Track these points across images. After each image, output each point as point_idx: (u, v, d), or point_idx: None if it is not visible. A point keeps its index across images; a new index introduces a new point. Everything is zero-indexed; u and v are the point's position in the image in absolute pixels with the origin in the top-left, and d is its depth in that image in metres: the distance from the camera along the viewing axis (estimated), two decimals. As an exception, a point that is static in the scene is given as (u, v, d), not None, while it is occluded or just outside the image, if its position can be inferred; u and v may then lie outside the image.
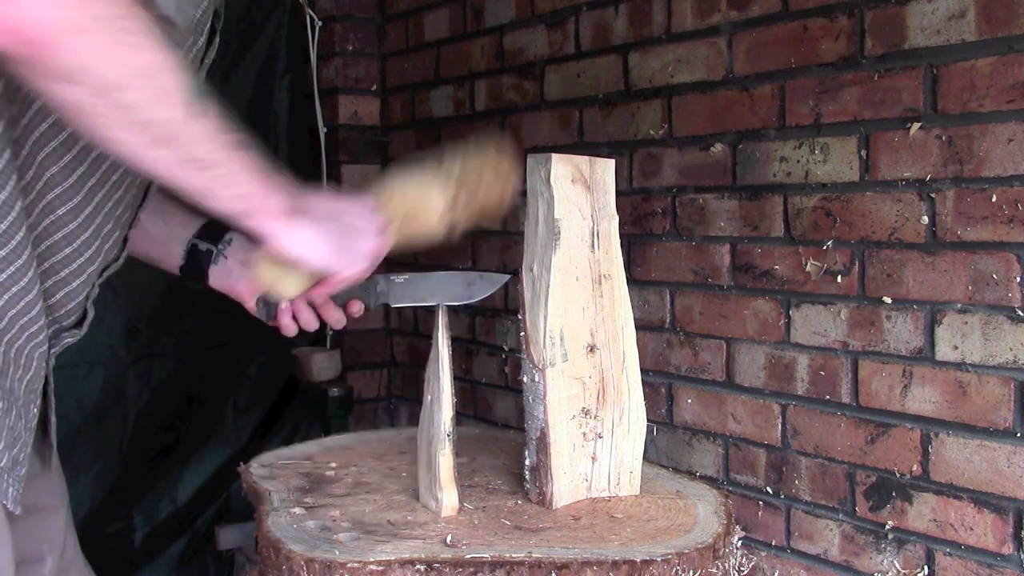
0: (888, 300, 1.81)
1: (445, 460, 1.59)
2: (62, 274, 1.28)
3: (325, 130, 3.14)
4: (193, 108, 1.06)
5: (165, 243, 1.57)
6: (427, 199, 1.45)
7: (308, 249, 1.27)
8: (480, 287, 1.62)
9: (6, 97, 1.12)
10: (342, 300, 1.54)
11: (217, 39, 1.37)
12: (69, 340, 1.36)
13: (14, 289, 1.17)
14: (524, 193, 1.62)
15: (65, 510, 1.47)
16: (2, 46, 0.94)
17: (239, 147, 1.14)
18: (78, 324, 1.37)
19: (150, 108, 1.03)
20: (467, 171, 1.49)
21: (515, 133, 2.62)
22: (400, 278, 1.60)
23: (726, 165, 2.08)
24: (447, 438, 1.59)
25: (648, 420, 1.78)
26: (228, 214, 1.20)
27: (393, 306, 1.65)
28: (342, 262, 1.32)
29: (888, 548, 1.84)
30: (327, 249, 1.29)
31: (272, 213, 1.22)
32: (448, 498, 1.60)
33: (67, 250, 1.26)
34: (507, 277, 1.65)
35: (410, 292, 1.62)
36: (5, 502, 1.19)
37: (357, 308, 1.56)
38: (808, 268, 1.94)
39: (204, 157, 1.11)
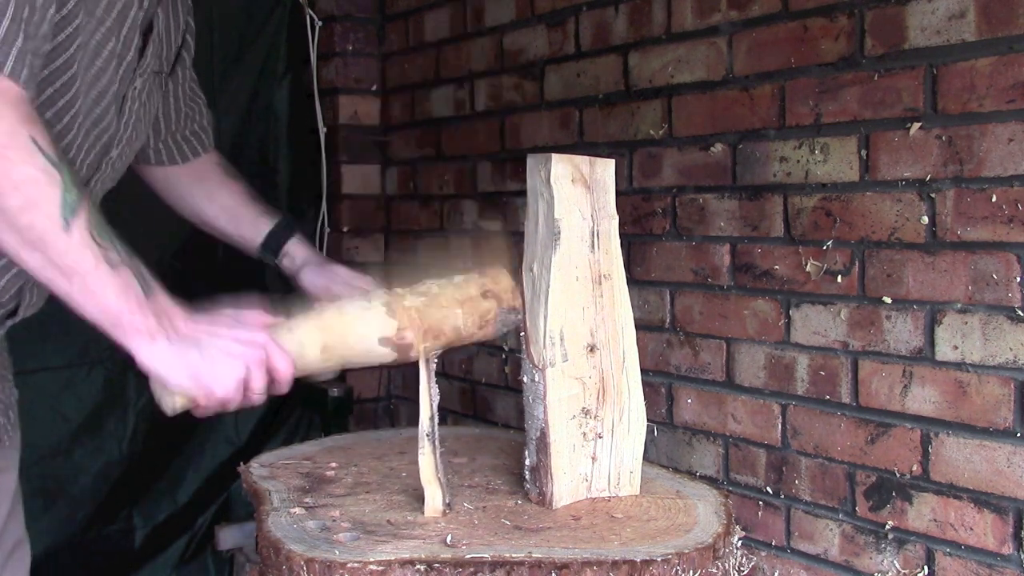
0: (888, 300, 1.81)
1: (425, 460, 1.59)
2: (2, 261, 1.39)
3: (325, 130, 3.14)
4: (65, 222, 1.22)
5: (241, 244, 1.87)
6: (356, 330, 1.48)
7: (163, 369, 1.33)
8: None
9: None
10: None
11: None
12: (10, 323, 1.50)
13: None
14: (518, 312, 1.65)
15: (15, 474, 1.63)
16: None
17: (116, 263, 1.27)
18: (16, 312, 1.50)
19: (23, 215, 1.20)
20: (431, 306, 1.53)
21: (515, 133, 2.63)
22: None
23: (726, 165, 2.08)
24: (426, 438, 1.59)
25: (648, 420, 1.78)
26: (92, 322, 1.29)
27: None
28: (199, 386, 1.35)
29: (888, 548, 1.84)
30: (183, 372, 1.34)
31: (134, 330, 1.30)
32: (430, 499, 1.60)
33: None
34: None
35: None
36: None
37: None
38: (808, 268, 1.94)
39: (69, 266, 1.24)
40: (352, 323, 1.48)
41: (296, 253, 1.86)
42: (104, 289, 1.26)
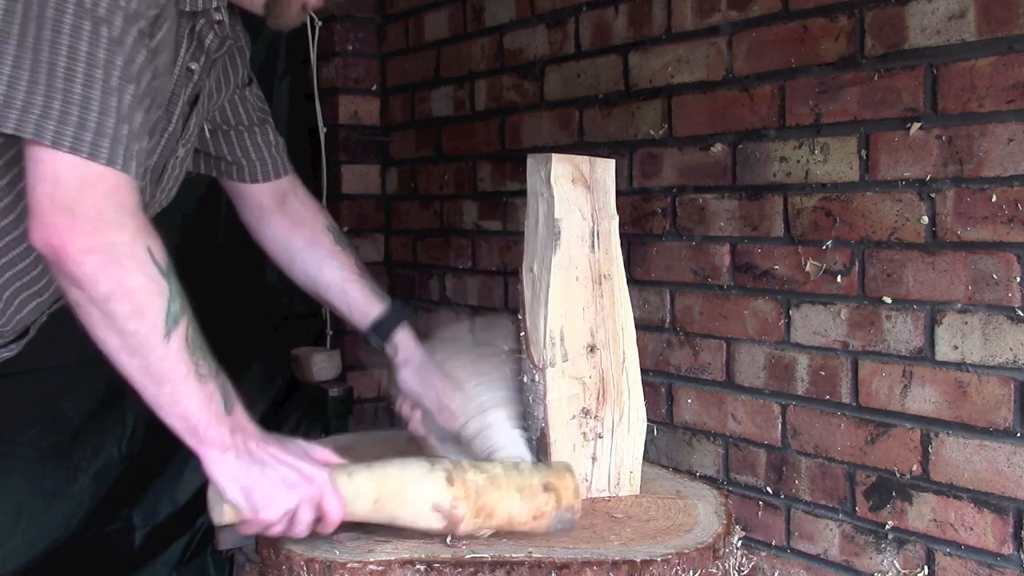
0: (888, 300, 1.81)
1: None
2: (35, 288, 1.50)
3: (325, 130, 3.14)
4: (167, 331, 1.29)
5: (349, 320, 1.87)
6: (412, 490, 1.47)
7: (224, 481, 1.38)
8: None
9: None
10: (430, 429, 1.79)
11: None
12: (7, 355, 1.58)
13: None
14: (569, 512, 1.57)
15: None
16: (42, 252, 1.26)
17: (205, 377, 1.33)
18: (17, 340, 1.58)
19: (130, 322, 1.27)
20: (490, 485, 1.49)
21: (515, 133, 2.63)
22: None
23: (726, 165, 2.08)
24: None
25: (648, 420, 1.78)
26: (171, 427, 1.36)
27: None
28: (250, 505, 1.38)
29: (888, 548, 1.84)
30: (240, 488, 1.38)
31: (209, 441, 1.36)
32: None
33: (16, 285, 1.47)
34: None
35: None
36: None
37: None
38: (808, 268, 1.94)
39: (163, 375, 1.31)
40: (410, 483, 1.47)
41: (402, 346, 1.83)
42: (189, 399, 1.33)
